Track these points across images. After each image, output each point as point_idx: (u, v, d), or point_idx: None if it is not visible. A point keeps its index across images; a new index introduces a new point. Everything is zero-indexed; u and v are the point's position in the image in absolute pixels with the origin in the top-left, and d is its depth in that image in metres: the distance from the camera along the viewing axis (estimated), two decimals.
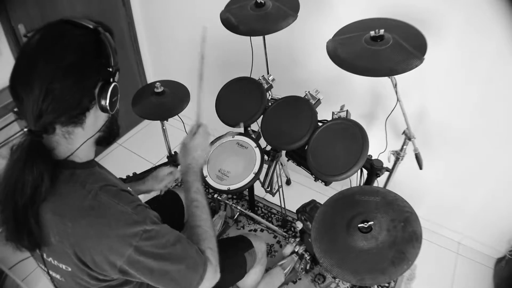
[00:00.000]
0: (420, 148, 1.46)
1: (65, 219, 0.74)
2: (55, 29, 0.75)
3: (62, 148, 0.78)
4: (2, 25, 1.73)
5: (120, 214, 0.75)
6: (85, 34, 0.75)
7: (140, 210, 0.78)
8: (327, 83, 1.79)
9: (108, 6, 2.23)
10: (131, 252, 0.74)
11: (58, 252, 0.78)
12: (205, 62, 1.14)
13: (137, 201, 0.81)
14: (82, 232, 0.74)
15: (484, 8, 1.30)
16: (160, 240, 0.78)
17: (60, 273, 0.84)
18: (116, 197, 0.77)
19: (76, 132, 0.77)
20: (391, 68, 1.12)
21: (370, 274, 0.93)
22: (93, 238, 0.74)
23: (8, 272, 1.77)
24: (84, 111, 0.75)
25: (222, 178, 1.35)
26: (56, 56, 0.71)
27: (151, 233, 0.77)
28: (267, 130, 1.44)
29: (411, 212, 1.02)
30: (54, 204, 0.75)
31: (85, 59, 0.73)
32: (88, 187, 0.76)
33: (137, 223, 0.76)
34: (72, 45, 0.73)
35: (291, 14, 1.40)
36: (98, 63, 0.75)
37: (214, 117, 1.55)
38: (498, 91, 1.44)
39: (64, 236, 0.75)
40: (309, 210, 1.46)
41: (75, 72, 0.71)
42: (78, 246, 0.75)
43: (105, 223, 0.74)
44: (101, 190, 0.76)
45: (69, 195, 0.76)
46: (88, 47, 0.74)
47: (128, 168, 1.70)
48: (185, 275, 0.81)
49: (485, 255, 1.90)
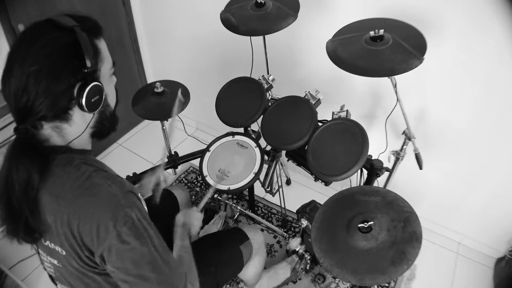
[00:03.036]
0: (420, 148, 1.46)
1: (59, 198, 0.77)
2: (35, 29, 0.76)
3: (55, 138, 0.81)
4: (2, 25, 1.73)
5: (111, 195, 0.76)
6: (60, 35, 0.74)
7: (129, 197, 0.78)
8: (327, 83, 1.79)
9: (108, 6, 2.23)
10: (114, 236, 0.74)
11: (54, 233, 0.80)
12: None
13: (129, 188, 0.80)
14: (74, 211, 0.76)
15: (484, 8, 1.30)
16: (146, 236, 0.77)
17: (57, 258, 0.85)
18: (108, 179, 0.78)
19: (65, 127, 0.80)
20: (391, 69, 1.12)
21: (370, 274, 0.93)
22: (83, 216, 0.75)
23: (8, 272, 1.78)
24: (65, 110, 0.77)
25: (222, 178, 1.35)
26: (28, 60, 0.72)
27: (135, 223, 0.76)
28: (267, 130, 1.44)
29: (411, 212, 1.02)
30: (50, 185, 0.78)
31: (56, 63, 0.73)
32: (83, 169, 0.79)
33: (123, 206, 0.76)
34: (44, 49, 0.73)
35: (291, 14, 1.40)
36: (73, 64, 0.74)
37: (214, 117, 1.56)
38: (498, 91, 1.44)
39: (58, 215, 0.77)
40: (309, 210, 1.46)
41: (46, 76, 0.72)
42: (70, 225, 0.76)
43: (94, 203, 0.75)
44: (94, 172, 0.79)
45: (63, 176, 0.78)
46: (60, 50, 0.74)
47: (128, 168, 1.70)
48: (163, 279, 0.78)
49: (485, 255, 1.90)
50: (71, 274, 0.86)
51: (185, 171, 2.41)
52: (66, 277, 0.89)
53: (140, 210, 0.78)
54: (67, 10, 0.79)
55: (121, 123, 0.93)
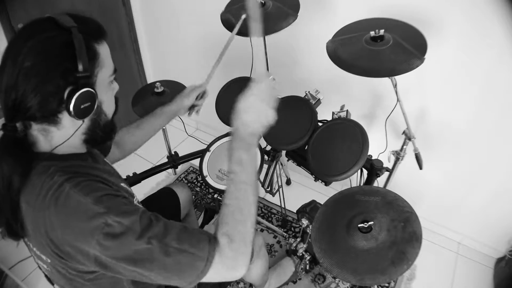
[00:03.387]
0: (420, 148, 1.46)
1: (35, 209, 0.75)
2: (32, 27, 0.74)
3: (42, 143, 0.78)
4: (2, 25, 1.73)
5: (80, 204, 0.71)
6: (55, 36, 0.71)
7: (105, 200, 0.73)
8: (327, 83, 1.79)
9: (108, 6, 2.23)
10: (95, 245, 0.70)
11: (37, 242, 0.79)
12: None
13: (107, 191, 0.75)
14: (50, 223, 0.73)
15: (484, 8, 1.30)
16: (128, 238, 0.70)
17: (45, 264, 0.84)
18: (78, 187, 0.73)
19: (52, 131, 0.77)
20: (393, 69, 1.11)
21: (370, 274, 0.93)
22: (59, 229, 0.72)
23: (8, 272, 1.77)
24: (54, 113, 0.74)
25: (222, 178, 1.35)
26: (20, 58, 0.70)
27: (114, 228, 0.70)
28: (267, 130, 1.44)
29: (411, 212, 1.02)
30: (27, 195, 0.76)
31: (48, 62, 0.70)
32: (56, 178, 0.74)
33: (97, 215, 0.70)
34: (36, 47, 0.70)
35: (291, 14, 1.40)
36: (64, 67, 0.71)
37: (214, 117, 1.56)
38: (498, 91, 1.44)
39: (36, 226, 0.75)
40: (309, 210, 1.46)
41: (35, 76, 0.70)
42: (49, 237, 0.74)
43: (67, 213, 0.72)
44: (67, 181, 0.74)
45: (38, 185, 0.75)
46: (54, 50, 0.71)
47: (128, 168, 1.70)
48: (175, 271, 0.73)
49: (485, 255, 1.90)
50: (60, 278, 0.84)
51: (185, 171, 2.41)
52: (59, 280, 0.88)
53: (118, 210, 0.72)
54: (71, 10, 0.77)
55: (121, 123, 0.91)
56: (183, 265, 0.73)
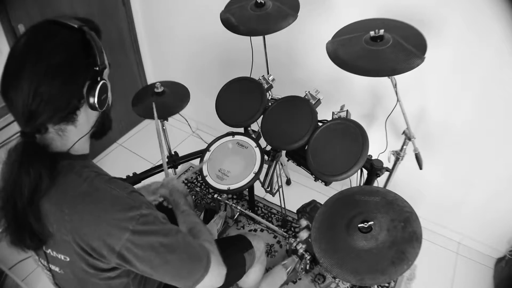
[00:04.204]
0: (420, 148, 1.46)
1: (62, 207, 0.76)
2: (42, 30, 0.75)
3: (57, 143, 0.79)
4: (2, 25, 1.73)
5: (116, 198, 0.76)
6: (70, 34, 0.75)
7: (135, 196, 0.79)
8: (327, 83, 1.79)
9: (108, 6, 2.23)
10: (129, 236, 0.74)
11: (57, 242, 0.79)
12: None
13: (131, 188, 0.81)
14: (79, 218, 0.75)
15: (484, 8, 1.30)
16: (159, 226, 0.79)
17: (59, 265, 0.84)
18: (110, 183, 0.78)
19: (69, 129, 0.78)
20: (393, 68, 1.12)
21: (370, 274, 0.93)
22: (90, 223, 0.74)
23: (8, 272, 1.78)
24: (74, 110, 0.76)
25: (222, 178, 1.35)
26: (43, 57, 0.71)
27: (148, 217, 0.77)
28: (267, 130, 1.44)
29: (411, 212, 1.02)
30: (51, 194, 0.77)
31: (71, 60, 0.74)
32: (84, 175, 0.78)
33: (133, 207, 0.76)
34: (58, 45, 0.73)
35: (291, 14, 1.40)
36: (85, 62, 0.75)
37: (214, 117, 1.56)
38: (498, 91, 1.44)
39: (61, 224, 0.76)
40: (309, 210, 1.46)
41: (62, 73, 0.72)
42: (76, 233, 0.75)
43: (100, 208, 0.75)
44: (96, 177, 0.78)
45: (65, 184, 0.77)
46: (74, 47, 0.74)
47: (128, 168, 1.70)
48: (187, 265, 0.81)
49: (485, 255, 1.90)
50: (72, 281, 0.85)
51: (185, 171, 2.41)
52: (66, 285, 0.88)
53: (147, 204, 0.80)
54: (67, 11, 0.79)
55: (121, 123, 0.93)
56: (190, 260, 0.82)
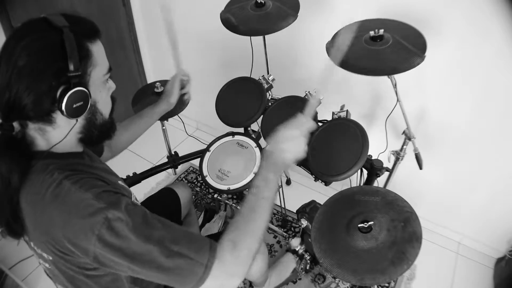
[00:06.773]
0: (420, 148, 1.46)
1: (34, 208, 0.76)
2: (23, 28, 0.74)
3: (39, 142, 0.79)
4: (2, 25, 1.73)
5: (80, 201, 0.72)
6: (47, 36, 0.72)
7: (105, 196, 0.73)
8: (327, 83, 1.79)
9: (108, 6, 2.23)
10: (95, 241, 0.70)
11: (38, 240, 0.79)
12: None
13: (104, 188, 0.76)
14: (49, 220, 0.74)
15: (484, 8, 1.30)
16: (130, 231, 0.71)
17: (46, 262, 0.84)
18: (78, 183, 0.74)
19: (48, 130, 0.77)
20: (394, 67, 1.11)
21: (370, 274, 0.93)
22: (59, 225, 0.73)
23: (8, 272, 1.78)
24: (47, 113, 0.74)
25: (222, 178, 1.35)
26: (14, 58, 0.71)
27: (115, 222, 0.70)
28: (267, 130, 1.44)
29: (411, 212, 1.02)
30: (27, 193, 0.77)
31: (40, 62, 0.71)
32: (56, 175, 0.75)
33: (98, 210, 0.70)
34: (29, 47, 0.71)
35: (291, 14, 1.40)
36: (56, 66, 0.71)
37: (214, 117, 1.56)
38: (498, 91, 1.44)
39: (36, 225, 0.76)
40: (309, 210, 1.46)
41: (27, 75, 0.71)
42: (48, 234, 0.75)
43: (66, 210, 0.72)
44: (66, 178, 0.75)
45: (38, 184, 0.76)
46: (45, 50, 0.72)
47: (128, 168, 1.70)
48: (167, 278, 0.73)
49: (485, 255, 1.90)
50: (61, 277, 0.84)
51: (185, 171, 2.41)
52: (60, 279, 0.88)
53: (118, 206, 0.73)
54: (68, 9, 0.78)
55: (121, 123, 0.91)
56: (183, 270, 0.73)
